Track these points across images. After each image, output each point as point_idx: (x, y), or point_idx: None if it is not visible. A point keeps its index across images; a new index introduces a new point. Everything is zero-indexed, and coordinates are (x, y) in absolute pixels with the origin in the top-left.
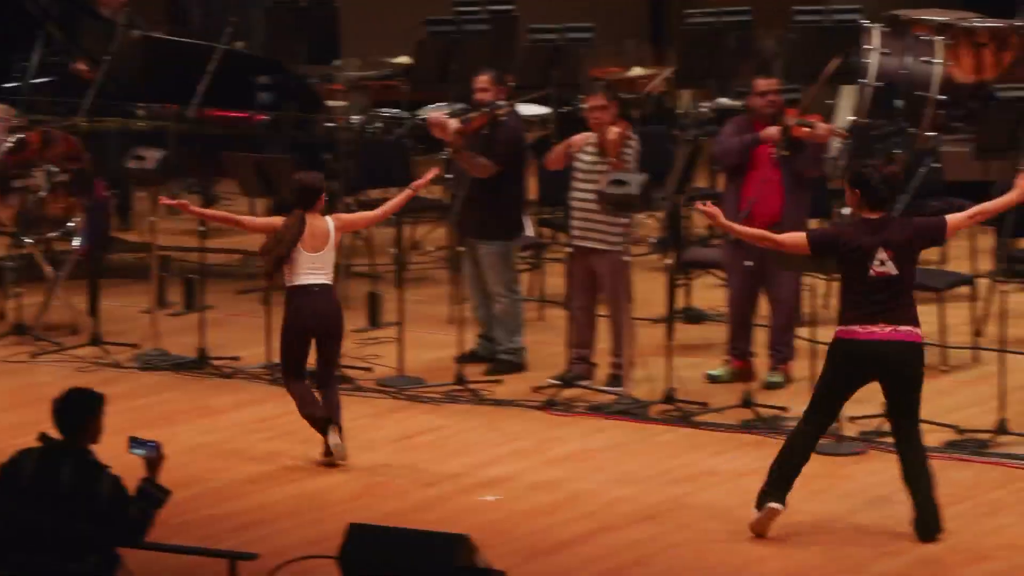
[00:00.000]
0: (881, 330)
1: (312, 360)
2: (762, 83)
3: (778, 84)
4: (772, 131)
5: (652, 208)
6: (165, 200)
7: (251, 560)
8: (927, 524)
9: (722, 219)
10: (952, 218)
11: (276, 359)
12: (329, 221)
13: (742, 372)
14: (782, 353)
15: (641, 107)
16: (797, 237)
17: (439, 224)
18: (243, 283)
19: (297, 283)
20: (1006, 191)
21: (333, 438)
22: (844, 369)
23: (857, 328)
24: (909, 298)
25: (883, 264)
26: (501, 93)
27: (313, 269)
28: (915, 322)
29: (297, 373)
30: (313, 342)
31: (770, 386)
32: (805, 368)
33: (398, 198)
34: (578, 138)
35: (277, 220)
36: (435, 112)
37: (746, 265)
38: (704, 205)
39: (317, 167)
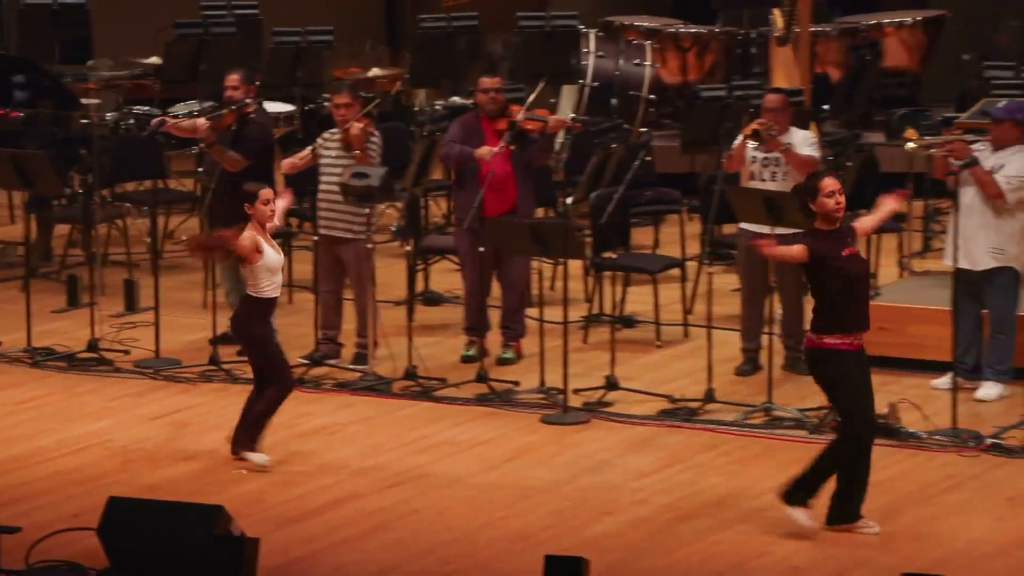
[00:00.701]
0: None
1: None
2: (486, 81)
3: (501, 82)
4: (484, 151)
5: (392, 199)
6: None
7: (13, 533)
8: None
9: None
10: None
11: (36, 343)
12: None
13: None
14: (514, 331)
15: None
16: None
17: (191, 215)
18: (2, 271)
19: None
20: (710, 182)
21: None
22: None
23: None
24: None
25: None
26: (250, 91)
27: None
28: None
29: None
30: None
31: (503, 362)
32: (534, 345)
33: None
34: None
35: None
36: (162, 116)
37: (480, 251)
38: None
39: (74, 161)
